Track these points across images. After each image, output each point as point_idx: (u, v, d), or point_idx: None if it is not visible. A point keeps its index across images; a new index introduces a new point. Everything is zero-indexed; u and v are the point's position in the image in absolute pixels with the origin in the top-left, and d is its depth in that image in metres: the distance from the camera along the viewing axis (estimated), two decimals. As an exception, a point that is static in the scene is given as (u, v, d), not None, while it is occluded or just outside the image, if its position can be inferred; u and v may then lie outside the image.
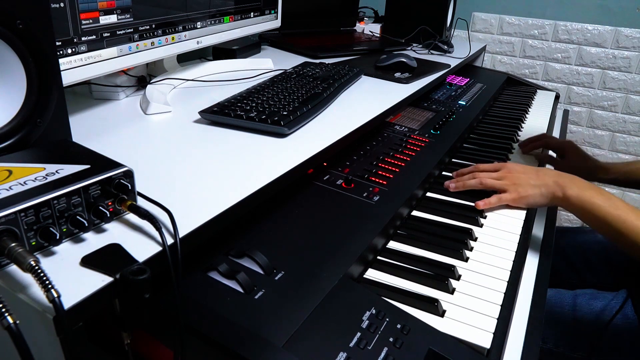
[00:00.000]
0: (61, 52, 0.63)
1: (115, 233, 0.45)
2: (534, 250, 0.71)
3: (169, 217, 0.46)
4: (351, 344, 0.46)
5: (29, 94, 0.49)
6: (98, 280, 0.38)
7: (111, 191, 0.45)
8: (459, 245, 0.68)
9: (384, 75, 1.13)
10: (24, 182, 0.41)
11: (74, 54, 0.65)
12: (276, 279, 0.51)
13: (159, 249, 0.43)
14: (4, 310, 0.32)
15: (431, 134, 0.99)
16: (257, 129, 0.73)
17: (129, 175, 0.46)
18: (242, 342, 0.42)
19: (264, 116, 0.72)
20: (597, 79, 1.85)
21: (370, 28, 1.72)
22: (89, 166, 0.45)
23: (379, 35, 1.67)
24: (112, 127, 0.72)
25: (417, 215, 0.76)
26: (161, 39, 0.82)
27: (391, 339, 0.47)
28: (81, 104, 0.81)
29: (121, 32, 0.73)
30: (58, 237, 0.41)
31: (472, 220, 0.75)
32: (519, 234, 0.74)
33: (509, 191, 0.78)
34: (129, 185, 0.46)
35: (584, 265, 1.07)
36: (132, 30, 0.75)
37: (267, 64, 1.12)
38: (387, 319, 0.50)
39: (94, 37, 0.68)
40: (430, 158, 0.87)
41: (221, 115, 0.74)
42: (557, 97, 1.57)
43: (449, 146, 0.94)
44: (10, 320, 0.32)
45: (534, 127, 1.25)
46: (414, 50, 1.50)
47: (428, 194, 0.83)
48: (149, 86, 0.86)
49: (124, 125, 0.73)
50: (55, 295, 0.34)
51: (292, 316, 0.47)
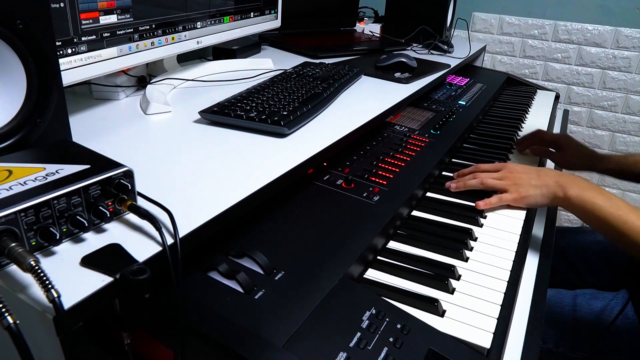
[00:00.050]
0: (61, 52, 0.63)
1: (115, 233, 0.45)
2: (534, 250, 0.71)
3: (169, 217, 0.46)
4: (351, 344, 0.46)
5: (29, 94, 0.49)
6: (98, 280, 0.38)
7: (111, 191, 0.45)
8: (459, 245, 0.68)
9: (384, 75, 1.13)
10: (24, 182, 0.41)
11: (74, 54, 0.65)
12: (276, 279, 0.51)
13: (159, 249, 0.43)
14: (4, 310, 0.32)
15: (431, 134, 0.99)
16: (257, 129, 0.73)
17: (129, 175, 0.46)
18: (242, 342, 0.42)
19: (264, 116, 0.72)
20: (597, 79, 1.85)
21: (370, 28, 1.72)
22: (89, 166, 0.45)
23: (379, 35, 1.67)
24: (112, 127, 0.72)
25: (417, 215, 0.76)
26: (161, 39, 0.82)
27: (391, 339, 0.47)
28: (81, 104, 0.81)
29: (121, 32, 0.73)
30: (58, 237, 0.41)
31: (472, 220, 0.75)
32: (519, 234, 0.74)
33: (510, 191, 0.78)
34: (129, 185, 0.46)
35: (584, 265, 1.07)
36: (132, 30, 0.75)
37: (267, 64, 1.12)
38: (387, 319, 0.50)
39: (94, 37, 0.68)
40: (430, 158, 0.87)
41: (221, 115, 0.74)
42: (557, 97, 1.57)
43: (449, 146, 0.94)
44: (10, 320, 0.32)
45: (534, 127, 1.24)
46: (414, 50, 1.50)
47: (428, 194, 0.83)
48: (149, 86, 0.86)
49: (124, 125, 0.73)
50: (55, 295, 0.34)
51: (292, 316, 0.47)
